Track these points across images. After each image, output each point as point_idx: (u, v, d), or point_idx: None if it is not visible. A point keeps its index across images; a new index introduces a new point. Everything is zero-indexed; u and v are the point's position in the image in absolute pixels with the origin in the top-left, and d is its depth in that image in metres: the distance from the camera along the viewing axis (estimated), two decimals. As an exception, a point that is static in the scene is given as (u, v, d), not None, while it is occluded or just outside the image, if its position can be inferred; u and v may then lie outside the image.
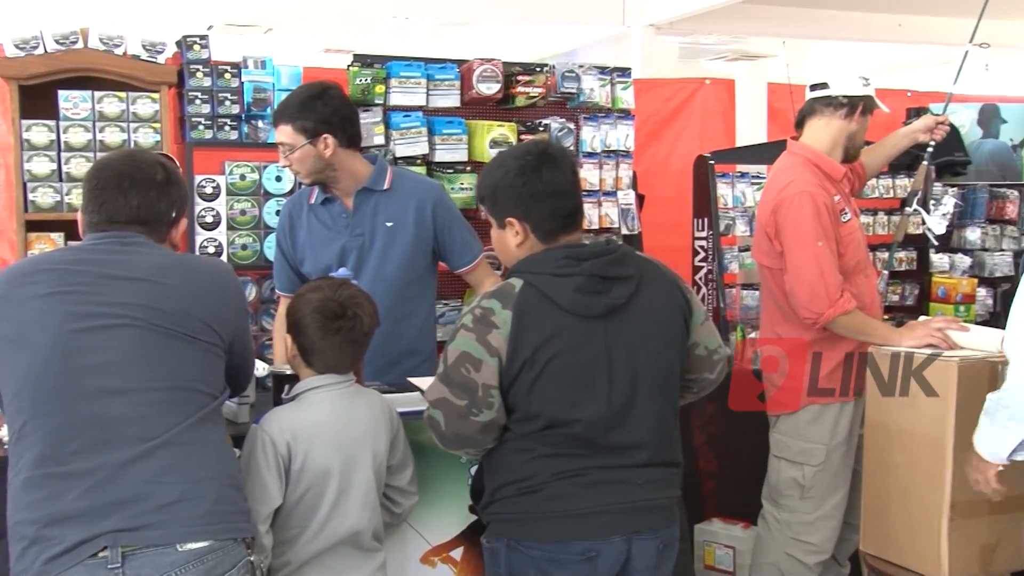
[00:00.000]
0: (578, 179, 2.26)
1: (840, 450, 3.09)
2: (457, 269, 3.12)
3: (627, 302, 2.15)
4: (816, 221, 2.94)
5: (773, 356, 3.20)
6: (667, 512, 2.21)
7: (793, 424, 3.12)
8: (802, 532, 3.12)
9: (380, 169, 3.04)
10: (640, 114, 4.63)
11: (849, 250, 3.04)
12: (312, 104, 2.88)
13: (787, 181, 3.05)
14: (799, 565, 3.12)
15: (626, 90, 3.95)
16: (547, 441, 2.12)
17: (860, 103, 3.10)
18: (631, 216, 3.96)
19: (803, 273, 2.95)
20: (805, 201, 2.96)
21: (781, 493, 3.16)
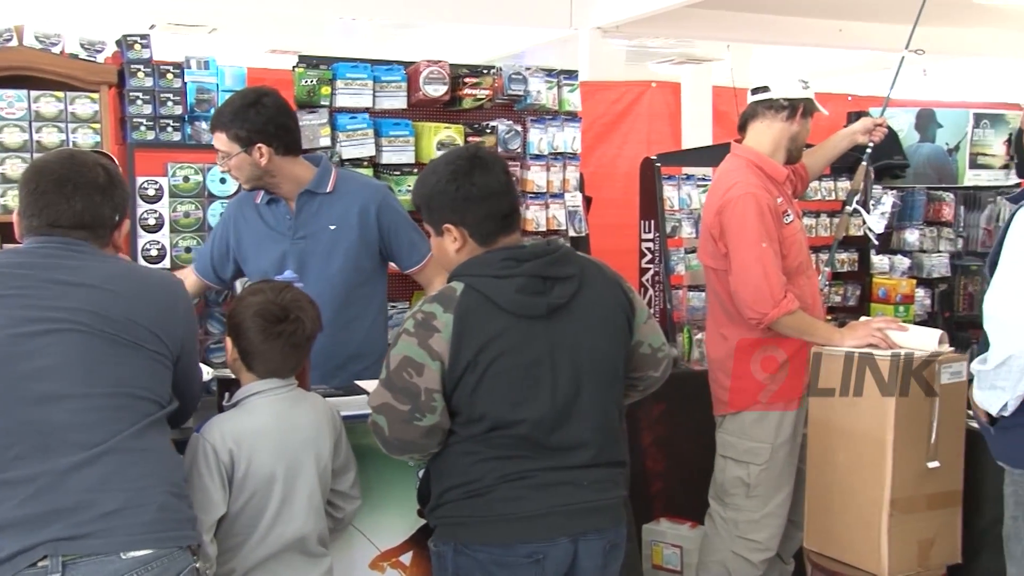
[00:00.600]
0: (512, 180, 2.26)
1: (784, 449, 3.14)
2: (407, 269, 3.12)
3: (569, 302, 2.15)
4: (760, 222, 2.98)
5: (719, 357, 3.24)
6: (613, 512, 2.22)
7: (739, 424, 3.16)
8: (748, 530, 3.15)
9: (324, 171, 3.01)
10: (587, 116, 4.66)
11: (792, 251, 3.09)
12: (245, 113, 2.85)
13: (731, 183, 3.09)
14: (745, 563, 3.16)
15: (573, 92, 3.97)
16: (492, 443, 2.12)
17: (800, 105, 3.15)
18: (578, 218, 3.97)
19: (748, 274, 2.99)
20: (749, 203, 3.00)
21: (727, 492, 3.19)
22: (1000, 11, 12.51)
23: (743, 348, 3.14)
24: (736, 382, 3.17)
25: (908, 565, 2.78)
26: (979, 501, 2.89)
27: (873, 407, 2.76)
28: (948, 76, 15.58)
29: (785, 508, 3.18)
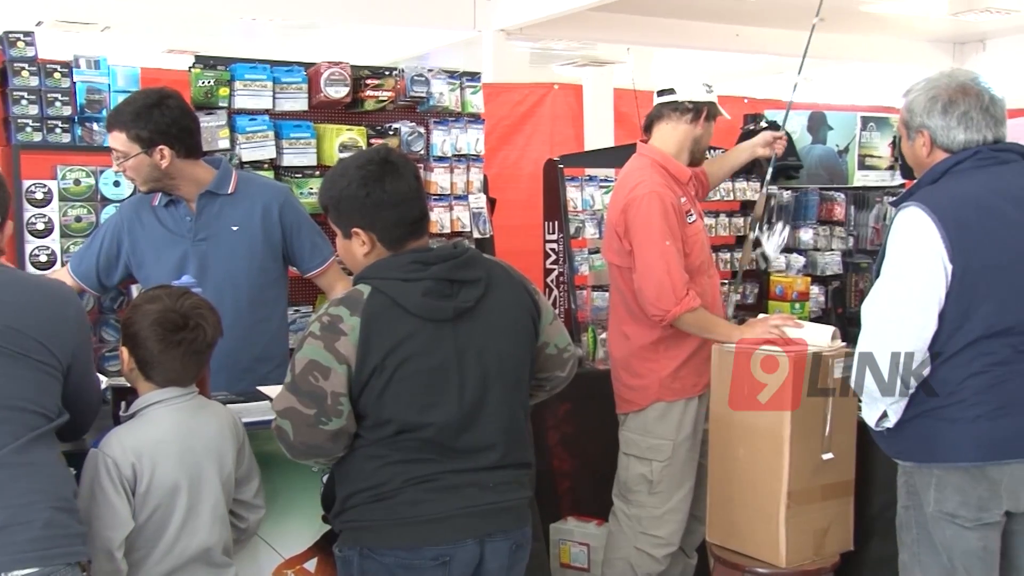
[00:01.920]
0: (422, 185, 2.26)
1: (686, 445, 3.21)
2: (307, 272, 3.07)
3: (475, 305, 2.16)
4: (664, 221, 3.04)
5: (622, 356, 3.29)
6: (519, 513, 2.23)
7: (641, 421, 3.22)
8: (651, 526, 3.21)
9: (224, 173, 2.96)
10: (490, 118, 4.66)
11: (695, 250, 3.16)
12: (149, 114, 2.77)
13: (636, 182, 3.14)
14: (648, 558, 3.22)
15: (476, 94, 3.97)
16: (399, 447, 2.12)
17: (704, 109, 3.24)
18: (482, 220, 3.98)
19: (651, 271, 3.04)
20: (653, 201, 3.06)
21: (630, 489, 3.25)
22: (885, 18, 13.03)
23: (645, 347, 3.20)
24: (638, 380, 3.22)
25: (804, 554, 2.88)
26: (870, 490, 3.00)
27: (769, 401, 2.84)
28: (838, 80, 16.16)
29: (687, 503, 3.24)
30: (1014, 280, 2.34)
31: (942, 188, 2.40)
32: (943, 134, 2.43)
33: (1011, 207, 2.37)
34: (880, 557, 2.92)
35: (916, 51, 14.63)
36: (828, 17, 11.60)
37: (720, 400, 3.01)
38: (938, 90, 2.46)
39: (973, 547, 2.39)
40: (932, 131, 2.45)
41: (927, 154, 2.48)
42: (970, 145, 2.42)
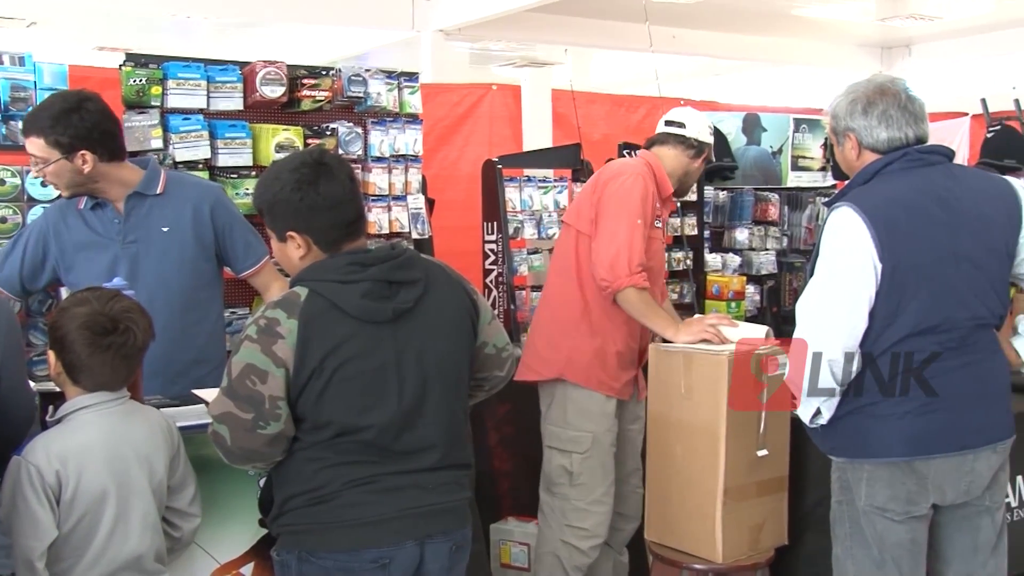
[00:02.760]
0: (357, 186, 2.25)
1: (606, 438, 3.25)
2: (241, 272, 3.03)
3: (414, 306, 2.16)
4: (641, 203, 3.15)
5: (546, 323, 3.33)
6: (459, 514, 2.23)
7: (561, 413, 3.25)
8: (575, 518, 3.24)
9: (152, 173, 2.90)
10: (429, 119, 4.66)
11: (650, 251, 3.20)
12: (68, 118, 2.69)
13: (630, 166, 3.29)
14: (575, 550, 3.25)
15: (414, 94, 3.96)
16: (338, 449, 2.10)
17: (706, 150, 3.40)
18: (421, 220, 3.97)
19: (614, 239, 3.09)
20: (638, 183, 3.18)
21: (553, 482, 3.29)
22: (816, 23, 13.30)
23: (575, 320, 3.23)
24: (552, 353, 3.26)
25: (740, 549, 2.92)
26: (803, 485, 3.06)
27: (707, 400, 2.88)
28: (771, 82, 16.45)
29: (610, 496, 3.28)
30: (940, 278, 2.41)
31: (872, 189, 2.46)
32: (867, 134, 2.51)
33: (937, 207, 2.44)
34: (814, 551, 2.98)
35: (846, 55, 14.97)
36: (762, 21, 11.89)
37: (657, 399, 3.05)
38: (857, 93, 2.55)
39: (902, 539, 2.46)
40: (857, 132, 2.52)
41: (856, 156, 2.55)
42: (893, 142, 2.49)
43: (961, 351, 2.42)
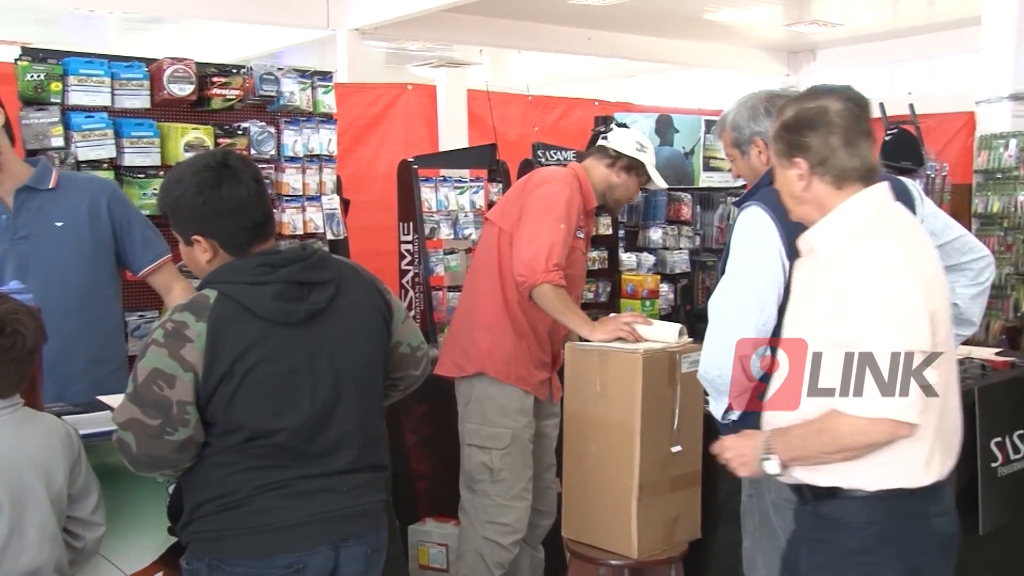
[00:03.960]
0: (264, 188, 2.20)
1: (524, 434, 3.28)
2: (140, 270, 2.94)
3: (326, 307, 2.13)
4: (567, 209, 3.20)
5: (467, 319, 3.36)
6: (374, 517, 2.21)
7: (479, 410, 3.27)
8: (497, 514, 3.26)
9: (43, 169, 2.82)
10: (344, 118, 4.61)
11: (569, 260, 3.24)
12: None
13: (561, 173, 3.34)
14: (497, 547, 3.27)
15: (327, 94, 3.92)
16: (249, 453, 2.06)
17: (623, 161, 3.40)
18: (336, 221, 3.93)
19: (536, 238, 3.14)
20: (565, 190, 3.24)
21: (474, 479, 3.30)
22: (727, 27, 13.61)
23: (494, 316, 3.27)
24: (473, 348, 3.29)
25: (655, 544, 2.96)
26: (715, 479, 3.12)
27: (622, 398, 2.91)
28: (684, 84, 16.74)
29: (529, 491, 3.31)
30: None
31: None
32: None
33: None
34: (725, 544, 3.04)
35: (754, 58, 15.36)
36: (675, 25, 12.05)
37: (573, 397, 3.07)
38: (753, 101, 2.65)
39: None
40: (765, 134, 2.60)
41: (766, 161, 2.62)
42: None
43: None
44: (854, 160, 2.07)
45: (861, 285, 1.96)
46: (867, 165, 2.09)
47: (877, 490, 2.00)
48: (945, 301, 2.04)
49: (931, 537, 2.04)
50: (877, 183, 2.11)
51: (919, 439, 1.97)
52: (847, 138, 2.06)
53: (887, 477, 1.99)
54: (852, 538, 2.02)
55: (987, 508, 3.74)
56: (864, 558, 2.01)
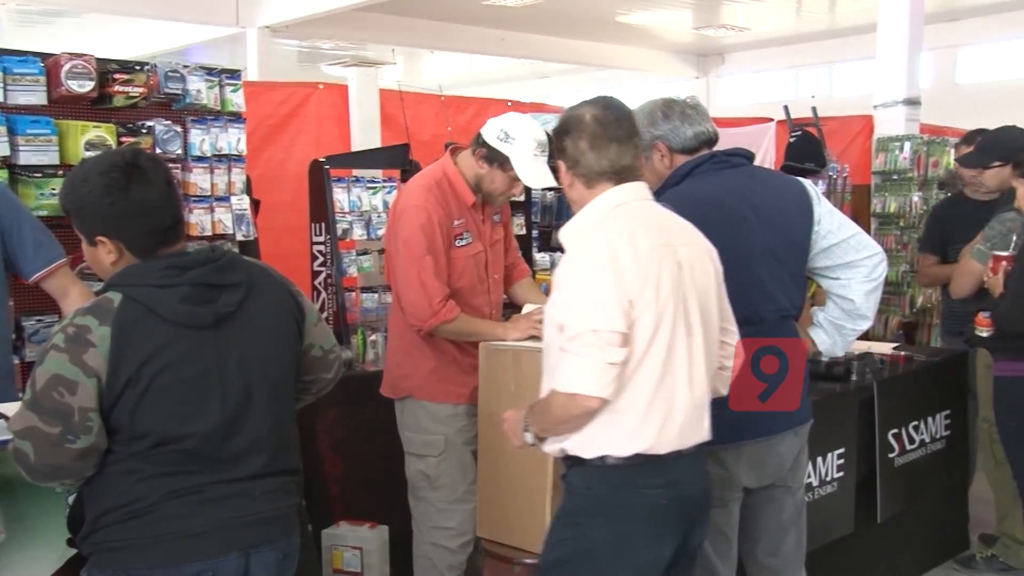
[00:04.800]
0: (175, 190, 2.15)
1: (459, 439, 3.26)
2: (31, 275, 2.84)
3: (237, 309, 2.09)
4: (425, 237, 3.08)
5: (393, 346, 3.32)
6: (286, 522, 2.18)
7: (414, 418, 3.24)
8: (440, 519, 3.25)
9: None
10: (253, 117, 4.53)
11: (456, 272, 3.19)
12: None
13: (414, 193, 3.18)
14: (444, 551, 3.25)
15: (236, 92, 3.84)
16: (156, 460, 2.01)
17: (483, 150, 3.14)
18: (246, 222, 3.86)
19: (409, 283, 3.10)
20: (418, 217, 3.10)
21: (415, 486, 3.29)
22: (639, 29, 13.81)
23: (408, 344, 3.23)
24: (399, 371, 3.28)
25: (569, 541, 2.98)
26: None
27: (535, 396, 2.92)
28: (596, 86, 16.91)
29: (473, 492, 3.29)
30: (748, 272, 2.55)
31: (684, 190, 2.59)
32: (674, 136, 2.66)
33: (743, 205, 2.60)
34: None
35: (666, 61, 15.65)
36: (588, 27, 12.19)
37: (488, 397, 3.08)
38: (650, 107, 2.74)
39: (718, 524, 2.59)
40: (664, 137, 2.67)
41: (668, 164, 2.69)
42: (700, 136, 2.68)
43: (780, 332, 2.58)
44: (602, 162, 2.24)
45: (564, 272, 2.20)
46: (616, 167, 2.25)
47: (592, 458, 2.20)
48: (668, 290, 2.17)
49: (639, 507, 2.20)
50: (632, 182, 2.27)
51: (622, 412, 2.15)
52: (593, 143, 2.24)
53: (596, 447, 2.19)
54: (572, 502, 2.26)
55: (885, 497, 3.89)
56: (576, 519, 2.25)
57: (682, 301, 2.20)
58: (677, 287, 2.20)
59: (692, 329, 2.22)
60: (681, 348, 2.21)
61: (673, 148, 2.68)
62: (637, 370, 2.16)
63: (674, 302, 2.19)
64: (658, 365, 2.17)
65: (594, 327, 2.10)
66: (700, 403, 2.27)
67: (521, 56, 14.55)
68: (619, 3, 12.04)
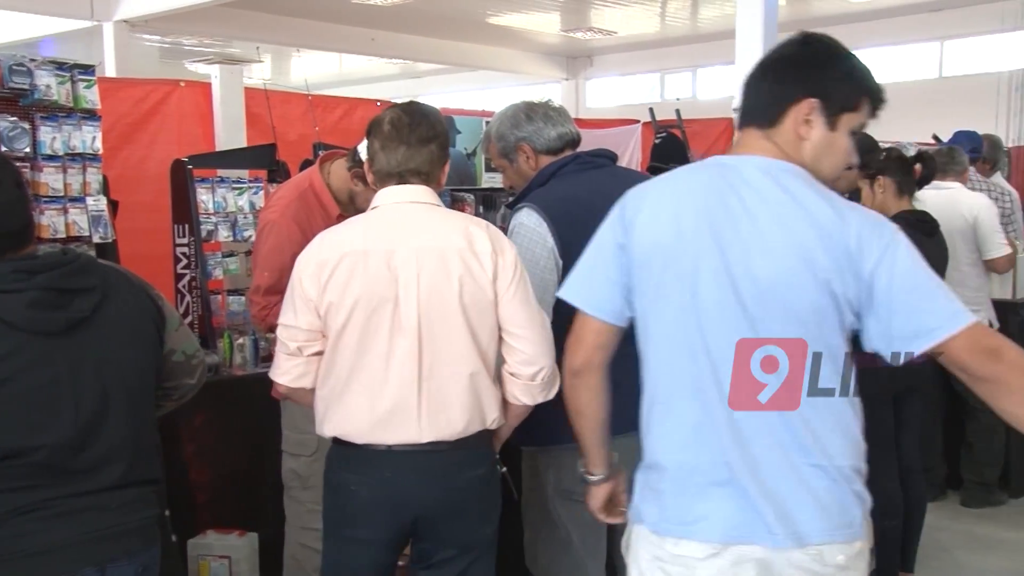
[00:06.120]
0: (25, 192, 2.05)
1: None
2: None
3: (92, 315, 2.01)
4: (276, 256, 3.09)
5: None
6: (146, 534, 2.11)
7: (291, 416, 3.21)
8: (309, 520, 3.20)
9: None
10: (110, 115, 4.37)
11: None
12: None
13: (272, 204, 3.20)
14: (312, 552, 3.20)
15: (89, 88, 3.69)
16: (3, 475, 1.91)
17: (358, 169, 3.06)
18: (103, 223, 3.71)
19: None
20: (270, 237, 3.16)
21: (288, 485, 3.26)
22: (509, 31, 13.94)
23: None
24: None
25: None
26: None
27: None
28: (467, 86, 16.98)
29: None
30: None
31: (550, 190, 2.63)
32: (538, 137, 2.71)
33: (607, 204, 2.65)
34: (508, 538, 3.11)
35: (536, 62, 15.84)
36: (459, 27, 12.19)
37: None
38: (513, 110, 2.81)
39: (588, 519, 2.63)
40: (529, 139, 2.72)
41: (534, 165, 2.73)
42: (564, 137, 2.74)
43: (632, 339, 2.63)
44: (390, 163, 2.36)
45: None
46: (402, 169, 2.35)
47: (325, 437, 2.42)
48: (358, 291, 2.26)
49: (340, 489, 2.38)
50: (412, 185, 2.36)
51: (324, 400, 2.35)
52: (385, 144, 2.36)
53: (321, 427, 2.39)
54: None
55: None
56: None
57: (387, 302, 2.27)
58: (377, 289, 2.27)
59: (404, 331, 2.27)
60: (380, 346, 2.28)
61: (537, 149, 2.73)
62: (334, 363, 2.30)
63: (368, 303, 2.27)
64: (348, 361, 2.29)
65: (284, 322, 2.34)
66: (403, 403, 2.29)
67: (392, 56, 14.47)
68: (490, 4, 12.12)
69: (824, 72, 1.80)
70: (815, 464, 1.74)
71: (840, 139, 1.81)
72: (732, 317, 1.74)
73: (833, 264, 1.69)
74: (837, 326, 1.73)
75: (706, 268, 1.75)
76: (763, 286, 1.72)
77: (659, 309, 1.83)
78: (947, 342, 1.67)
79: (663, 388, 1.86)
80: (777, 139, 1.81)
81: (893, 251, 1.70)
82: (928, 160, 4.19)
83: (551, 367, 2.35)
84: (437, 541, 2.40)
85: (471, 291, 2.29)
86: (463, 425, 2.32)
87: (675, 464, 1.82)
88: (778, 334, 1.73)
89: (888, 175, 3.83)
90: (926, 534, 3.98)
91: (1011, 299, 5.16)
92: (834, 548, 1.73)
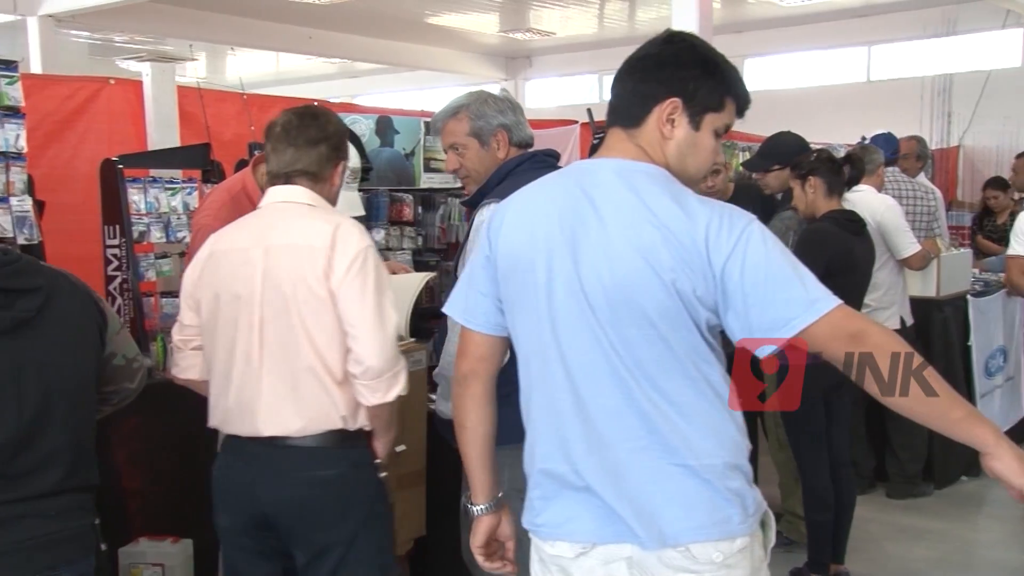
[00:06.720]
0: None
1: None
2: None
3: (35, 316, 1.98)
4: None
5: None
6: (84, 541, 2.07)
7: None
8: None
9: None
10: (35, 113, 4.26)
11: None
12: None
13: (204, 207, 3.17)
14: None
15: (13, 85, 3.58)
16: None
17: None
18: (29, 224, 3.61)
19: None
20: (205, 235, 3.02)
21: None
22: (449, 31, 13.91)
23: None
24: None
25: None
26: (440, 476, 3.18)
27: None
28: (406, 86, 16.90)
29: None
30: None
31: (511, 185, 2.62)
32: (517, 129, 2.76)
33: None
34: (449, 539, 3.11)
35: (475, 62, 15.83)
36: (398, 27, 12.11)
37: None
38: (493, 97, 2.86)
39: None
40: (509, 128, 2.74)
41: (503, 156, 2.74)
42: (529, 139, 2.79)
43: None
44: (279, 163, 2.46)
45: None
46: (287, 170, 2.45)
47: None
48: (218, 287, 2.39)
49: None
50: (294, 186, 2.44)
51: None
52: (275, 146, 2.47)
53: None
54: None
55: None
56: None
57: (237, 299, 2.34)
58: (232, 286, 2.36)
59: (248, 327, 2.34)
60: (228, 342, 2.37)
61: (512, 141, 2.75)
62: (212, 356, 2.42)
63: (223, 300, 2.37)
64: (209, 355, 2.43)
65: (178, 318, 2.51)
66: (244, 397, 2.35)
67: (329, 55, 14.33)
68: (428, 4, 12.08)
69: (688, 72, 1.80)
70: (680, 464, 1.71)
71: (705, 139, 1.82)
72: (584, 323, 1.73)
73: (679, 263, 1.67)
74: (691, 324, 1.71)
75: (559, 275, 1.75)
76: (610, 290, 1.71)
77: (521, 319, 1.83)
78: (807, 330, 1.64)
79: (527, 397, 1.88)
80: (640, 140, 1.81)
81: (744, 244, 1.67)
82: (856, 161, 4.29)
83: (383, 367, 2.30)
84: (296, 542, 2.39)
85: (304, 289, 2.29)
86: (302, 423, 2.32)
87: (538, 472, 1.85)
88: (631, 337, 1.71)
89: (818, 176, 3.91)
90: (855, 525, 4.08)
91: (935, 296, 5.30)
92: (707, 546, 1.71)
